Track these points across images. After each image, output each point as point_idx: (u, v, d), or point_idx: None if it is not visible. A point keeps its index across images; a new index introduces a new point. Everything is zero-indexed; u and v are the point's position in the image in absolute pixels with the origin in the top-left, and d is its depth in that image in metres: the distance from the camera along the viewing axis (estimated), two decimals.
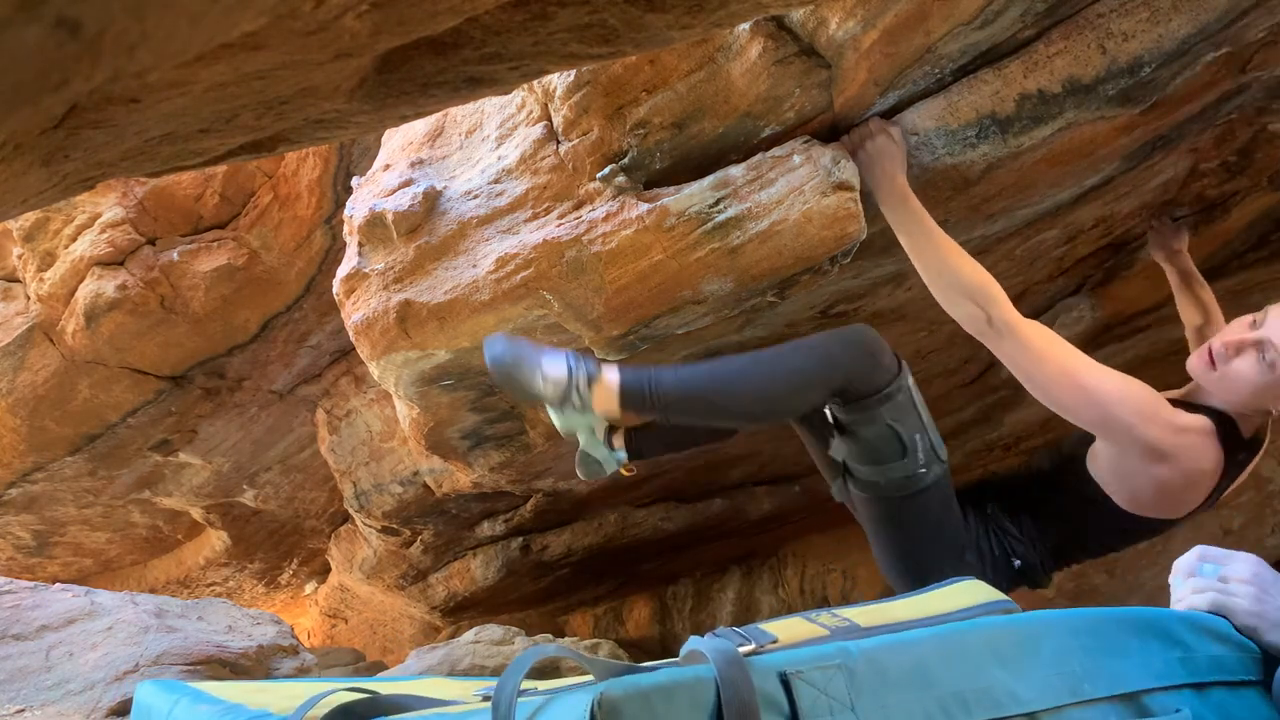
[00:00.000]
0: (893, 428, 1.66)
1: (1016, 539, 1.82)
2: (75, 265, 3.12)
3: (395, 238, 1.94)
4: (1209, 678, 0.86)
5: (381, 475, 3.60)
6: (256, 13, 0.62)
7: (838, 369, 1.66)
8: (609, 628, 4.99)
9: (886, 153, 1.72)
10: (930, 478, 1.70)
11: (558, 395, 1.67)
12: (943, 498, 1.75)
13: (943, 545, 1.76)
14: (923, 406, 1.70)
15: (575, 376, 1.67)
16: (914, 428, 1.67)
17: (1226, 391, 1.62)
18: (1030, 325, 1.63)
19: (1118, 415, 1.56)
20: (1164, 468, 1.58)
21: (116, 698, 2.09)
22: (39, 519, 4.18)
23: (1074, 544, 1.83)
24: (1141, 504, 1.66)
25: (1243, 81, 1.83)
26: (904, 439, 1.67)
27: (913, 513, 1.75)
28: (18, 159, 0.74)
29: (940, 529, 1.76)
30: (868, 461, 1.72)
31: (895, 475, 1.70)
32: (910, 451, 1.67)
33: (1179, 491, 1.62)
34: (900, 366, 1.69)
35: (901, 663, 0.74)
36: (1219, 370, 1.61)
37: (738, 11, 0.97)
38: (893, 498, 1.74)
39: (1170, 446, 1.56)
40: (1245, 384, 1.59)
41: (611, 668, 0.70)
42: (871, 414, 1.66)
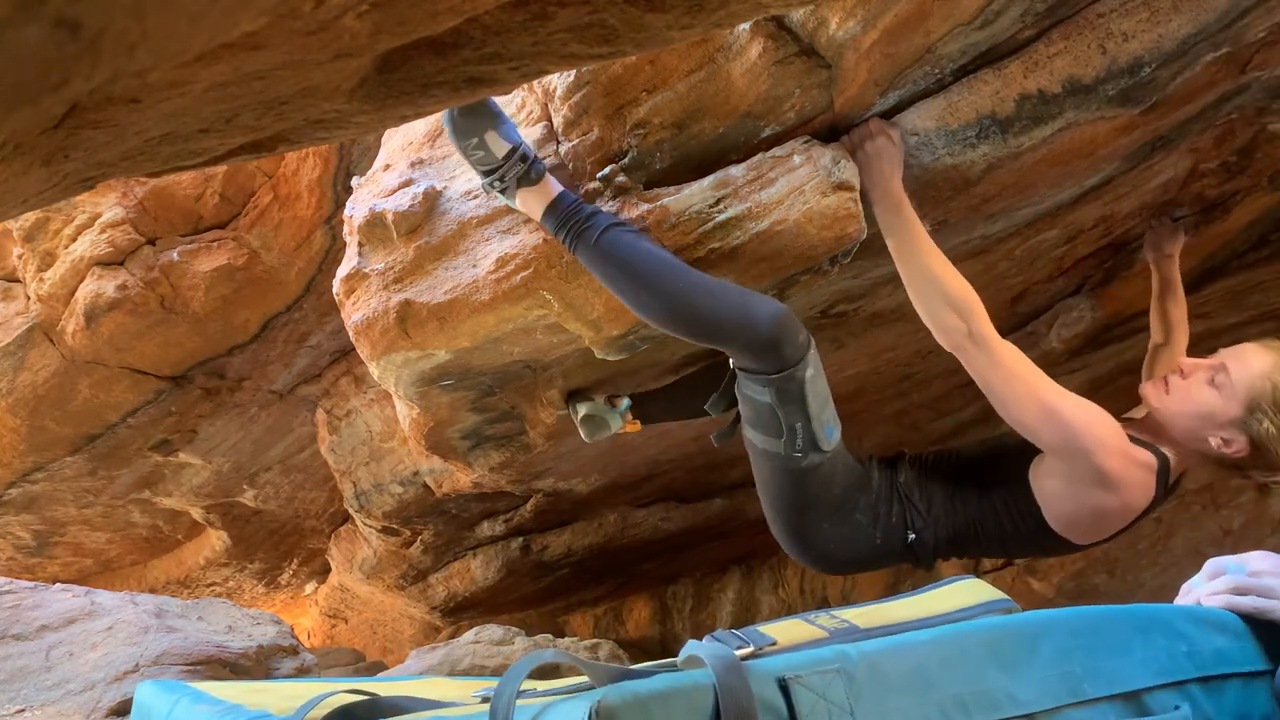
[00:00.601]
0: (774, 408, 1.65)
1: (919, 513, 1.78)
2: (75, 265, 3.11)
3: (395, 238, 1.94)
4: (1215, 670, 0.86)
5: (381, 475, 3.60)
6: (256, 13, 0.62)
7: (748, 332, 1.62)
8: (609, 628, 4.99)
9: (885, 154, 1.72)
10: (806, 463, 1.69)
11: (483, 167, 1.70)
12: (822, 479, 1.72)
13: (818, 511, 1.75)
14: (814, 397, 1.65)
15: (509, 165, 1.68)
16: (794, 416, 1.65)
17: (1173, 414, 1.65)
18: (1005, 344, 1.65)
19: (1081, 441, 1.57)
20: (1110, 496, 1.59)
21: (116, 698, 2.09)
22: (39, 519, 4.18)
23: (977, 537, 1.78)
24: (1068, 524, 1.66)
25: (1243, 81, 1.83)
26: (782, 422, 1.65)
27: (789, 481, 1.73)
28: (18, 159, 0.74)
29: (817, 499, 1.74)
30: (750, 422, 1.72)
31: (771, 449, 1.70)
32: (786, 436, 1.66)
33: (1110, 520, 1.64)
34: (801, 359, 1.63)
35: (900, 666, 0.74)
36: (1170, 393, 1.67)
37: (738, 11, 0.97)
38: (771, 464, 1.73)
39: (1120, 478, 1.58)
40: (1191, 405, 1.63)
41: (610, 672, 0.70)
42: (758, 388, 1.65)
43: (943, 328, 1.67)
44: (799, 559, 1.87)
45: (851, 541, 1.78)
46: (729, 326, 1.63)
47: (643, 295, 1.67)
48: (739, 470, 3.51)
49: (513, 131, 1.72)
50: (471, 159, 1.71)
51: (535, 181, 1.69)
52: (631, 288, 1.67)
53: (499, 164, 1.68)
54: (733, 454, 3.27)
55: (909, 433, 3.52)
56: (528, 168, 1.68)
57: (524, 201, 1.73)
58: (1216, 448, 1.61)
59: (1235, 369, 1.61)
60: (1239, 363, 1.62)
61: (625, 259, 1.66)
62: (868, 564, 1.85)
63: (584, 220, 1.67)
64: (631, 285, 1.66)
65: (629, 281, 1.67)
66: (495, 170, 1.69)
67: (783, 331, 1.62)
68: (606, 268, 1.67)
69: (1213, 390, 1.62)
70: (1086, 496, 1.61)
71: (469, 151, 1.70)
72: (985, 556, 1.93)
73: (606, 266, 1.67)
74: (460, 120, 1.68)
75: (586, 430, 2.17)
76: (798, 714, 0.68)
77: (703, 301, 1.66)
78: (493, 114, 1.70)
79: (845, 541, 1.78)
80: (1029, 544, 1.74)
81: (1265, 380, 1.58)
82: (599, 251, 1.66)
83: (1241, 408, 1.59)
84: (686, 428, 2.78)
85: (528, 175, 1.68)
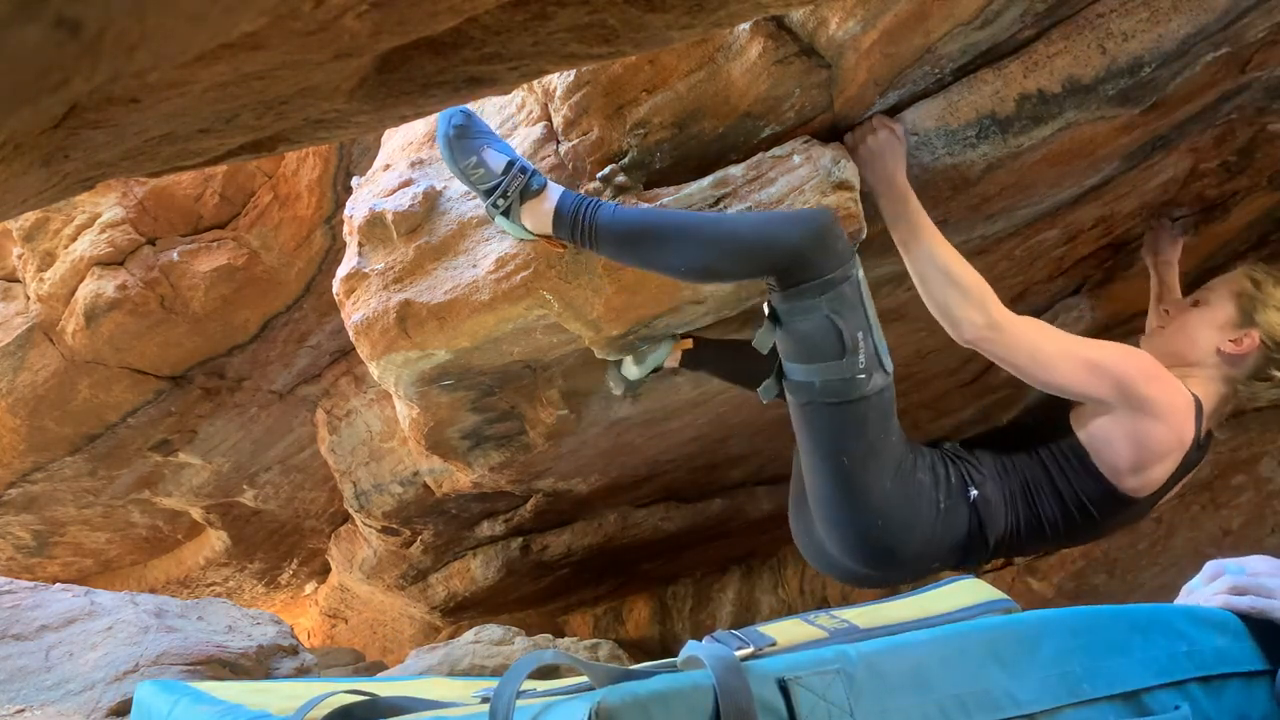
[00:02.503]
0: (833, 321, 1.51)
1: (976, 469, 1.71)
2: (75, 265, 3.11)
3: (395, 238, 1.94)
4: (1215, 670, 0.86)
5: (381, 475, 3.60)
6: (256, 13, 0.62)
7: (782, 243, 1.53)
8: (609, 628, 4.99)
9: (888, 148, 1.72)
10: (871, 386, 1.55)
11: (484, 186, 1.67)
12: (883, 412, 1.59)
13: (880, 461, 1.59)
14: (871, 306, 1.56)
15: (510, 178, 1.66)
16: (857, 325, 1.53)
17: (1180, 342, 1.77)
18: (1020, 320, 1.65)
19: (1127, 378, 1.59)
20: (1159, 425, 1.60)
21: (116, 698, 2.09)
22: (39, 519, 4.18)
23: (1034, 497, 1.70)
24: (1121, 464, 1.63)
25: (1243, 81, 1.83)
26: (844, 336, 1.52)
27: (847, 422, 1.57)
28: (18, 159, 0.74)
29: (879, 444, 1.59)
30: (802, 359, 1.56)
31: (831, 377, 1.54)
32: (850, 351, 1.52)
33: (1161, 453, 1.62)
34: (853, 255, 1.55)
35: (900, 666, 0.74)
36: (1169, 329, 1.82)
37: (738, 11, 0.97)
38: (826, 404, 1.57)
39: (1167, 404, 1.61)
40: (1190, 327, 1.77)
41: (609, 673, 0.70)
42: (810, 302, 1.52)
43: (956, 320, 1.63)
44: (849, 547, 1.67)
45: (916, 507, 1.62)
46: (779, 234, 1.54)
47: (680, 245, 1.59)
48: (739, 470, 3.51)
49: (506, 147, 1.72)
50: (472, 179, 1.70)
51: (538, 192, 1.67)
52: (665, 244, 1.60)
53: (499, 179, 1.67)
54: (733, 454, 3.27)
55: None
56: (528, 179, 1.66)
57: (531, 218, 1.69)
58: (1231, 352, 1.72)
59: (1211, 285, 1.83)
60: (1211, 283, 1.84)
61: (647, 220, 1.63)
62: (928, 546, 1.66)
63: (593, 209, 1.64)
64: (664, 241, 1.60)
65: (660, 239, 1.60)
66: (497, 186, 1.67)
67: (829, 223, 1.55)
68: (632, 238, 1.62)
69: (1201, 307, 1.79)
70: (1136, 427, 1.60)
71: (469, 172, 1.69)
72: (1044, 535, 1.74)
73: (631, 237, 1.62)
74: (456, 144, 1.68)
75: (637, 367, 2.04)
76: (797, 714, 0.68)
77: (742, 224, 1.61)
78: (485, 133, 1.71)
79: (910, 506, 1.62)
80: (1087, 505, 1.67)
81: (1241, 278, 1.78)
82: (618, 227, 1.62)
83: (1232, 305, 1.74)
84: (687, 427, 2.78)
85: (529, 187, 1.66)
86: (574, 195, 1.68)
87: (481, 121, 1.73)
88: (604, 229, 1.62)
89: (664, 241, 1.60)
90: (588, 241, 1.65)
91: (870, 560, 1.68)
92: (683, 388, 2.41)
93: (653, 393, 2.40)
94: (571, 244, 1.70)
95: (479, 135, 1.70)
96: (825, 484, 1.64)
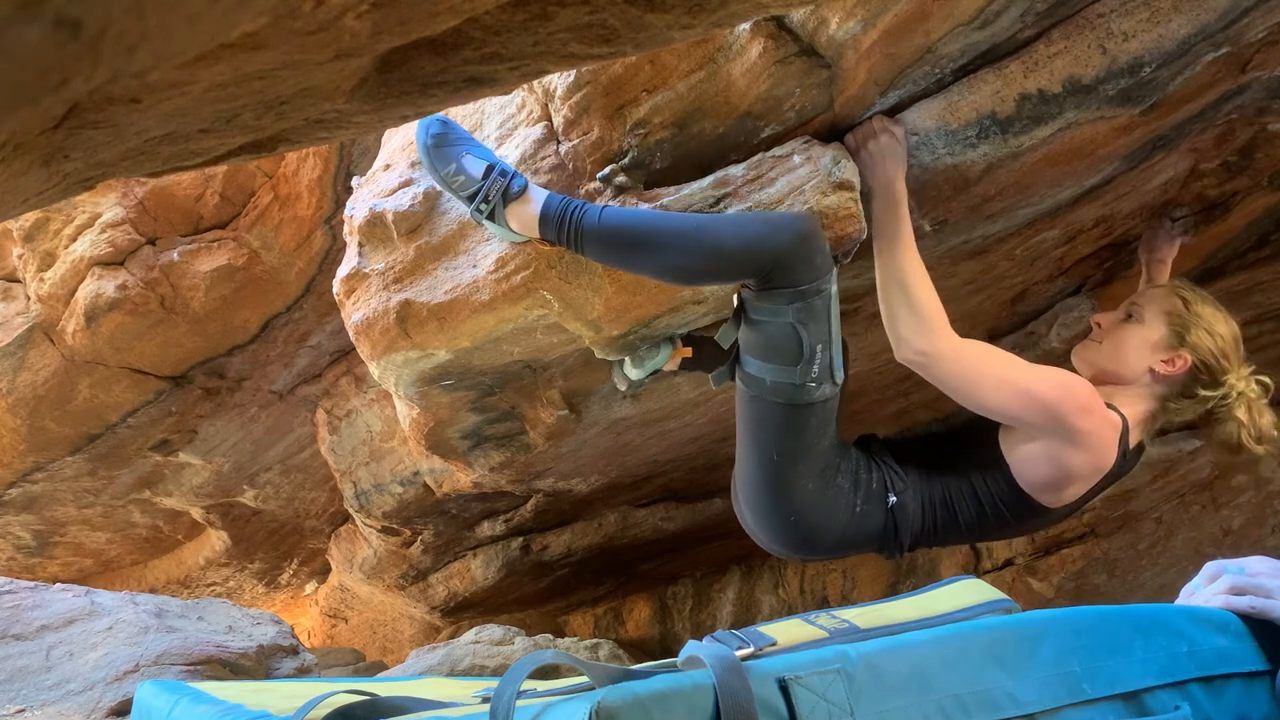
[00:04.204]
0: (797, 329, 1.59)
1: (899, 475, 1.77)
2: (75, 265, 3.11)
3: (395, 238, 1.94)
4: (1216, 670, 0.86)
5: (381, 475, 3.60)
6: (256, 13, 0.62)
7: (766, 250, 1.58)
8: (609, 628, 4.99)
9: (889, 152, 1.72)
10: (818, 394, 1.64)
11: (466, 192, 1.70)
12: (823, 419, 1.68)
13: (808, 463, 1.69)
14: (836, 320, 1.63)
15: (489, 183, 1.68)
16: (819, 337, 1.60)
17: (1111, 360, 1.77)
18: (965, 344, 1.68)
19: (1060, 409, 1.61)
20: (1081, 454, 1.64)
21: (116, 698, 2.09)
22: (39, 519, 4.18)
23: (953, 507, 1.76)
24: (1041, 485, 1.68)
25: (1243, 81, 1.83)
26: (804, 345, 1.60)
27: (788, 422, 1.67)
28: (18, 159, 0.74)
29: (811, 447, 1.69)
30: (760, 355, 1.65)
31: (782, 380, 1.63)
32: (806, 360, 1.61)
33: (1080, 479, 1.67)
34: (830, 271, 1.61)
35: (900, 666, 0.74)
36: (1102, 343, 1.80)
37: (738, 11, 0.97)
38: (773, 401, 1.66)
39: (1095, 438, 1.63)
40: (1121, 345, 1.77)
41: (610, 672, 0.70)
42: (780, 307, 1.59)
43: (898, 338, 1.69)
44: (767, 530, 1.79)
45: (832, 508, 1.72)
46: (763, 241, 1.59)
47: (664, 250, 1.63)
48: None
49: (486, 152, 1.74)
50: (454, 186, 1.72)
51: (520, 194, 1.68)
52: (649, 248, 1.63)
53: (479, 184, 1.69)
54: (733, 454, 3.27)
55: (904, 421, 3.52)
56: (508, 182, 1.68)
57: (516, 219, 1.70)
58: (1163, 373, 1.72)
59: (1142, 300, 1.81)
60: (1143, 296, 1.83)
61: (634, 221, 1.66)
62: (842, 540, 1.77)
63: (578, 213, 1.65)
64: (648, 246, 1.63)
65: (645, 242, 1.64)
66: (477, 192, 1.69)
67: (813, 232, 1.60)
68: (618, 241, 1.65)
69: (1132, 323, 1.78)
70: (1060, 453, 1.64)
71: (450, 179, 1.72)
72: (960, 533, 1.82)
73: (617, 240, 1.65)
74: (435, 153, 1.71)
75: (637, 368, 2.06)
76: (798, 714, 0.68)
77: (726, 230, 1.64)
78: (464, 139, 1.73)
79: (826, 507, 1.72)
80: (1003, 511, 1.73)
81: (1173, 295, 1.78)
82: (605, 229, 1.64)
83: (1163, 324, 1.74)
84: (687, 427, 2.78)
85: (509, 190, 1.68)
86: (560, 198, 1.69)
87: (460, 128, 1.75)
88: (589, 233, 1.64)
89: (648, 246, 1.64)
90: (574, 245, 1.67)
91: (786, 544, 1.79)
92: (682, 388, 2.41)
93: (653, 393, 2.40)
94: (556, 245, 1.72)
95: (458, 142, 1.72)
96: (754, 471, 1.73)
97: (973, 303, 2.48)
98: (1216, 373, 1.73)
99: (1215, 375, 1.73)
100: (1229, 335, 1.75)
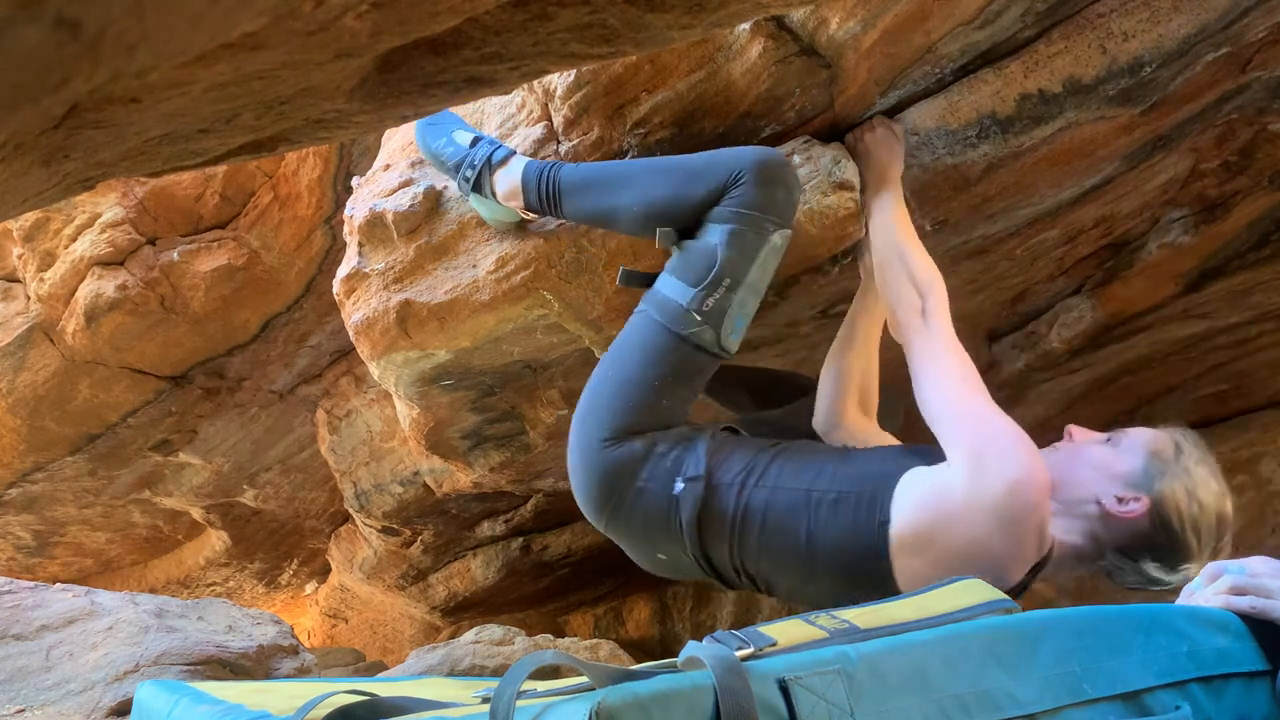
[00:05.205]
0: (718, 250, 1.48)
1: (699, 466, 1.47)
2: (75, 265, 3.11)
3: (395, 238, 1.94)
4: (1216, 670, 0.86)
5: (381, 475, 3.60)
6: (256, 13, 0.62)
7: (732, 159, 1.52)
8: (609, 628, 4.99)
9: (885, 144, 1.72)
10: (693, 332, 1.49)
11: (454, 163, 1.76)
12: (681, 369, 1.52)
13: (649, 406, 1.51)
14: (760, 277, 1.50)
15: (475, 150, 1.74)
16: (732, 273, 1.47)
17: (1064, 469, 1.38)
18: (956, 339, 1.49)
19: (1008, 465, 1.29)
20: (1003, 543, 1.28)
21: (116, 698, 2.09)
22: (39, 519, 4.18)
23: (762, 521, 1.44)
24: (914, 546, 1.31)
25: (1243, 81, 1.83)
26: (714, 270, 1.48)
27: (649, 342, 1.52)
28: (18, 159, 0.74)
29: (651, 387, 1.51)
30: (671, 270, 1.54)
31: (673, 296, 1.50)
32: (706, 286, 1.48)
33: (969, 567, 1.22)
34: (784, 224, 1.51)
35: (901, 667, 0.74)
36: (1062, 451, 1.43)
37: (738, 11, 0.97)
38: (650, 316, 1.53)
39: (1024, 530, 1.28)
40: (1084, 459, 1.39)
41: (610, 673, 0.70)
42: (716, 227, 1.49)
43: (898, 301, 1.54)
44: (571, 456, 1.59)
45: (618, 466, 1.50)
46: (724, 152, 1.55)
47: (637, 180, 1.60)
48: None
49: (472, 129, 1.83)
50: (444, 156, 1.79)
51: (503, 160, 1.73)
52: (622, 182, 1.61)
53: (466, 151, 1.76)
54: None
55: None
56: (493, 149, 1.74)
57: (501, 185, 1.73)
58: (1111, 510, 1.32)
59: (1132, 430, 1.42)
60: (1134, 429, 1.43)
61: (607, 165, 1.69)
62: (625, 511, 1.55)
63: (555, 168, 1.68)
64: (621, 180, 1.62)
65: (618, 179, 1.62)
66: (464, 158, 1.75)
67: (782, 166, 1.53)
68: (592, 183, 1.65)
69: (1109, 447, 1.40)
70: (976, 527, 1.28)
71: (441, 150, 1.79)
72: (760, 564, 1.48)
73: (592, 182, 1.65)
74: (429, 129, 1.82)
75: None
76: (798, 715, 0.68)
77: (696, 156, 1.60)
78: (453, 118, 1.85)
79: (610, 462, 1.51)
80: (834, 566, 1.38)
81: (1168, 439, 1.38)
82: (579, 175, 1.66)
83: (1141, 460, 1.35)
84: None
85: (493, 156, 1.73)
86: (539, 162, 1.72)
87: (456, 116, 1.86)
88: (565, 183, 1.66)
89: (621, 180, 1.63)
90: (552, 203, 1.68)
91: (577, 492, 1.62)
92: None
93: None
94: (539, 213, 1.74)
95: (452, 121, 1.83)
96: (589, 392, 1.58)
97: (973, 303, 2.48)
98: (1178, 547, 1.31)
99: (1176, 550, 1.31)
100: (1213, 511, 1.32)
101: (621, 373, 1.55)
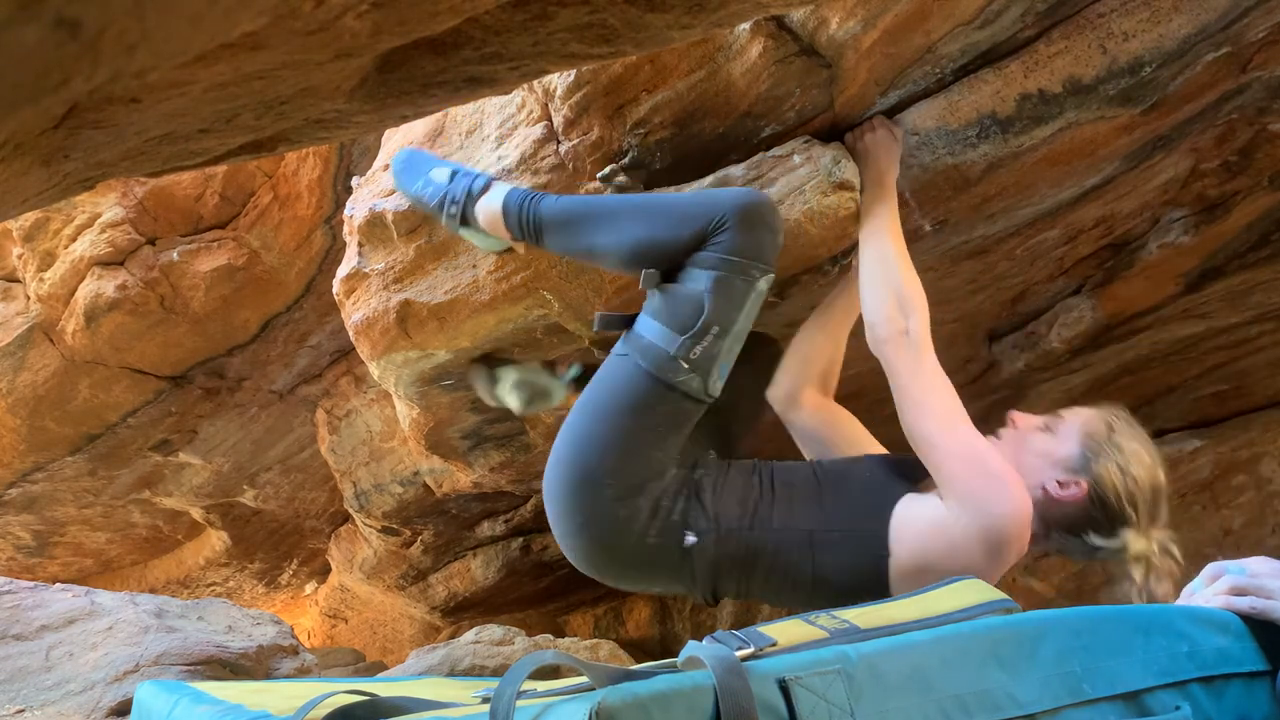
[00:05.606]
0: (703, 299, 1.46)
1: (706, 516, 1.50)
2: (75, 265, 3.12)
3: (395, 238, 1.94)
4: (1216, 671, 0.86)
5: (381, 475, 3.60)
6: (256, 13, 0.62)
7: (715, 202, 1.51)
8: (609, 628, 4.99)
9: (883, 146, 1.72)
10: (681, 380, 1.48)
11: (435, 203, 1.75)
12: (668, 418, 1.51)
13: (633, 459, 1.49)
14: (746, 317, 1.50)
15: (454, 184, 1.73)
16: (719, 320, 1.47)
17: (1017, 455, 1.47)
18: (938, 364, 1.51)
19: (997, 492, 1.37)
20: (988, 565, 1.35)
21: (116, 698, 2.09)
22: (39, 519, 4.19)
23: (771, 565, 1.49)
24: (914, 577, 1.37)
25: (1243, 81, 1.83)
26: (701, 318, 1.46)
27: (635, 389, 1.50)
28: (18, 159, 0.74)
29: (639, 435, 1.50)
30: (654, 314, 1.52)
31: (659, 343, 1.49)
32: (693, 334, 1.47)
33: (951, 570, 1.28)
34: (769, 270, 1.50)
35: (900, 667, 0.74)
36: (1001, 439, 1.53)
37: (738, 11, 0.97)
38: (635, 362, 1.51)
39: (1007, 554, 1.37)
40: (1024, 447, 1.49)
41: (610, 673, 0.70)
42: (702, 273, 1.48)
43: (880, 317, 1.53)
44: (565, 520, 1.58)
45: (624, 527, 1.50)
46: (716, 198, 1.53)
47: (618, 220, 1.59)
48: None
49: (448, 163, 1.82)
50: (424, 198, 1.78)
51: (484, 189, 1.72)
52: (604, 220, 1.60)
53: (445, 187, 1.75)
54: None
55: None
56: (471, 180, 1.73)
57: (484, 216, 1.71)
58: (1053, 493, 1.44)
59: (1068, 414, 1.52)
60: (1070, 411, 1.54)
61: (587, 200, 1.68)
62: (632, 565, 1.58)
63: (535, 200, 1.66)
64: (602, 218, 1.61)
65: (599, 215, 1.61)
66: (445, 194, 1.74)
67: (767, 208, 1.51)
68: (573, 217, 1.64)
69: (1046, 433, 1.50)
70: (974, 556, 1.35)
71: (420, 193, 1.79)
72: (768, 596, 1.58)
73: (573, 216, 1.64)
74: (403, 176, 1.82)
75: (518, 400, 2.00)
76: (798, 715, 0.68)
77: (680, 196, 1.63)
78: (426, 156, 1.85)
79: (616, 524, 1.51)
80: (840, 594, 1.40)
81: (1100, 420, 1.49)
82: (559, 209, 1.64)
83: (1077, 445, 1.46)
84: None
85: (473, 187, 1.72)
86: (520, 190, 1.71)
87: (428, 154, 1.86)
88: (546, 217, 1.65)
89: (602, 219, 1.62)
90: (533, 235, 1.67)
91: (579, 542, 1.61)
92: None
93: None
94: (521, 241, 1.73)
95: (426, 161, 1.83)
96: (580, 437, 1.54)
97: (973, 303, 2.48)
98: (1115, 519, 1.43)
99: (1113, 521, 1.43)
100: (1147, 483, 1.43)
101: (615, 424, 1.52)
